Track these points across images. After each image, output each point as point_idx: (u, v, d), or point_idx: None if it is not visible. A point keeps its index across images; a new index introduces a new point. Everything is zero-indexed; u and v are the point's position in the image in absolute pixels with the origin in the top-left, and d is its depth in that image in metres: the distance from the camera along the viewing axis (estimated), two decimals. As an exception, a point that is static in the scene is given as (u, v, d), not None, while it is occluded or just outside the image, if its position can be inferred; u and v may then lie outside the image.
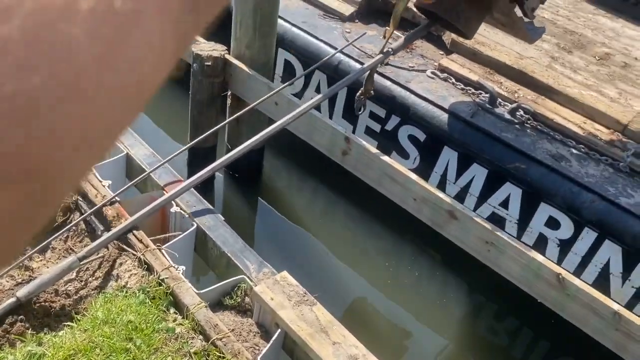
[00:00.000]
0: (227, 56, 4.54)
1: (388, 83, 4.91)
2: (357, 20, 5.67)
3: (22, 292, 2.71)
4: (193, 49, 4.52)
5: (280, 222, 5.61)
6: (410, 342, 4.69)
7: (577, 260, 4.26)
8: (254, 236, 5.49)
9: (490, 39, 5.15)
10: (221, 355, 2.52)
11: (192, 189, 3.38)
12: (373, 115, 5.12)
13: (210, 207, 3.33)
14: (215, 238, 3.14)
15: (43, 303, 2.86)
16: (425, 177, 4.50)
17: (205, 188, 5.48)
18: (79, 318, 2.60)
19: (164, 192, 3.32)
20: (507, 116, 4.56)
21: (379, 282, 5.18)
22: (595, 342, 3.61)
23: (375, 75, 4.88)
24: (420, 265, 5.37)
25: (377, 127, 5.18)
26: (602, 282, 4.19)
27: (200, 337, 2.64)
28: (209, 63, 4.35)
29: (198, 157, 5.16)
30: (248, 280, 2.94)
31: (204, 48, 4.51)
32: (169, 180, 3.42)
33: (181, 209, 3.28)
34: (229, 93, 4.85)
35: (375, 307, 4.95)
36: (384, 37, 5.40)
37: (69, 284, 3.03)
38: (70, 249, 3.26)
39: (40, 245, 3.06)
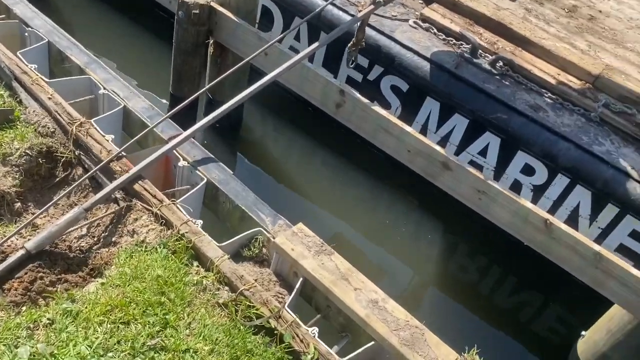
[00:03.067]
0: (212, 4, 4.40)
1: (373, 32, 4.92)
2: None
3: (29, 244, 2.69)
4: (177, -5, 4.35)
5: (259, 173, 5.66)
6: (386, 278, 4.91)
7: (549, 204, 4.58)
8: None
9: (469, -11, 5.21)
10: (250, 304, 2.63)
11: (199, 144, 3.38)
12: (356, 65, 5.14)
13: (216, 160, 3.34)
14: (227, 192, 3.18)
15: (61, 261, 2.85)
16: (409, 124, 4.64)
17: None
18: (107, 274, 2.62)
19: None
20: (488, 67, 4.71)
21: (358, 226, 5.35)
22: (560, 278, 3.98)
23: (357, 25, 4.88)
24: (396, 209, 5.60)
25: (359, 77, 5.23)
26: (570, 223, 4.55)
27: (227, 288, 2.73)
28: (196, 11, 4.22)
29: (178, 103, 5.05)
30: (265, 232, 3.03)
31: (188, -5, 4.34)
32: (172, 133, 3.39)
33: (187, 162, 3.28)
34: (211, 41, 4.73)
35: (355, 248, 5.10)
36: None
37: (81, 240, 3.02)
38: (75, 204, 3.21)
39: (49, 205, 3.00)
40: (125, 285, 2.54)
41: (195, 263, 2.81)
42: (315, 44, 3.88)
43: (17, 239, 2.86)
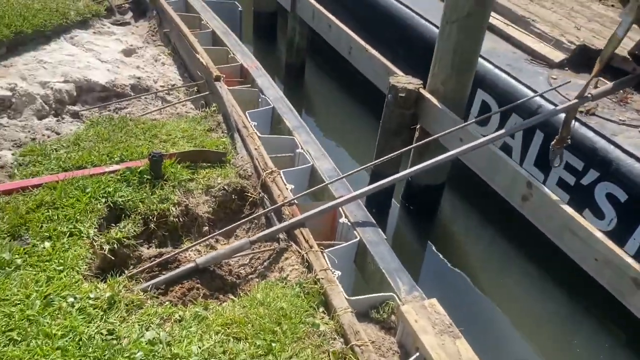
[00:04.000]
0: (421, 90, 4.67)
1: (590, 134, 4.56)
2: (566, 68, 5.39)
3: (200, 260, 3.14)
4: (390, 80, 4.76)
5: (447, 264, 5.48)
6: None
7: None
8: (420, 272, 5.44)
9: None
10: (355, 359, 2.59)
11: (364, 207, 3.55)
12: (568, 167, 4.78)
13: (375, 223, 3.45)
14: (374, 253, 3.24)
15: (218, 280, 3.26)
16: (621, 244, 4.03)
17: (380, 214, 5.65)
18: (241, 295, 2.90)
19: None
20: None
21: (547, 351, 4.70)
22: None
23: (577, 125, 4.59)
24: (599, 344, 4.76)
25: (571, 179, 4.82)
26: None
27: (341, 339, 2.74)
28: (403, 94, 4.54)
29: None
30: (397, 299, 2.97)
31: (400, 80, 4.72)
32: (343, 193, 3.64)
33: (348, 220, 3.46)
34: (418, 126, 4.96)
35: None
36: (595, 86, 5.06)
37: (241, 267, 3.40)
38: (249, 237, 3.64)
39: (225, 229, 3.49)
40: (250, 308, 2.78)
41: (322, 309, 2.90)
42: (501, 131, 3.78)
43: (193, 254, 3.38)
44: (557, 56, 5.36)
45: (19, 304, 2.53)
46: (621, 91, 4.81)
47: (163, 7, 6.18)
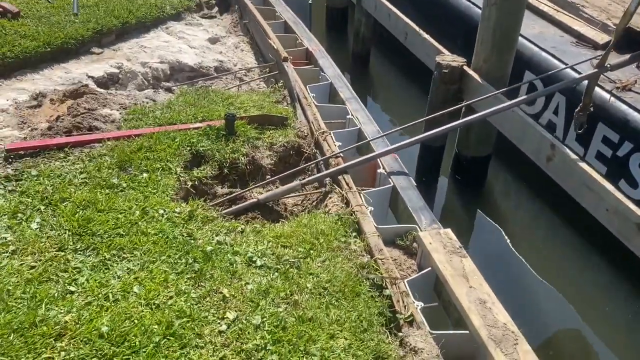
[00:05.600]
0: (464, 67, 5.19)
1: (624, 107, 4.87)
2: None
3: (261, 197, 3.89)
4: (437, 58, 5.31)
5: (495, 235, 5.89)
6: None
7: None
8: (469, 240, 5.88)
9: None
10: (376, 268, 3.22)
11: (399, 160, 4.16)
12: (606, 140, 5.10)
13: (407, 173, 4.05)
14: (404, 196, 3.85)
15: (275, 214, 4.00)
16: None
17: (430, 185, 6.19)
18: (290, 218, 3.62)
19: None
20: None
21: (587, 316, 5.01)
22: None
23: (613, 99, 4.93)
24: (636, 306, 5.03)
25: (608, 152, 5.13)
26: None
27: (368, 256, 3.38)
28: (446, 71, 5.08)
29: (428, 154, 5.91)
30: (418, 229, 3.57)
31: (445, 59, 5.26)
32: (383, 149, 4.26)
33: (385, 171, 4.09)
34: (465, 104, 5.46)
35: (578, 345, 4.79)
36: (637, 66, 5.36)
37: (295, 206, 4.13)
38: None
39: (283, 174, 4.23)
40: (297, 227, 3.48)
41: (354, 234, 3.55)
42: (525, 96, 4.24)
43: (257, 193, 4.14)
44: (603, 38, 5.65)
45: (124, 212, 3.39)
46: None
47: (244, 2, 7.07)
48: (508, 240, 5.70)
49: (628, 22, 3.80)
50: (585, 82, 4.25)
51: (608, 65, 4.04)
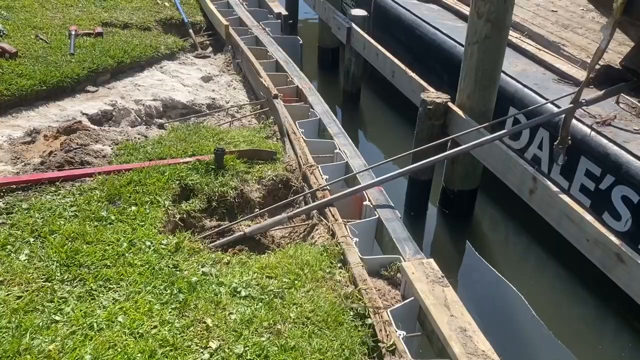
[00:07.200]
0: (449, 103, 5.34)
1: (604, 141, 4.99)
2: (592, 86, 5.84)
3: (248, 229, 3.96)
4: (421, 95, 5.47)
5: (484, 267, 5.93)
6: None
7: None
8: (457, 275, 5.92)
9: None
10: (360, 297, 3.26)
11: (384, 193, 4.25)
12: (589, 173, 5.22)
13: (392, 205, 4.13)
14: (389, 227, 3.92)
15: (262, 247, 4.06)
16: (637, 242, 4.43)
17: (417, 218, 6.26)
18: (276, 250, 3.68)
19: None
20: None
21: (575, 350, 5.01)
22: None
23: (593, 134, 5.07)
24: (623, 341, 5.04)
25: (591, 185, 5.23)
26: None
27: (352, 286, 3.42)
28: (431, 107, 5.23)
29: (416, 187, 6.01)
30: (402, 260, 3.62)
31: (430, 95, 5.42)
32: (369, 182, 4.36)
33: (371, 203, 4.17)
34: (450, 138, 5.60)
35: None
36: (616, 102, 5.53)
37: (282, 238, 4.19)
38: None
39: (270, 207, 4.30)
40: (282, 259, 3.54)
41: (339, 265, 3.60)
42: (504, 131, 4.37)
43: (245, 226, 4.21)
44: (583, 75, 5.83)
45: (112, 244, 3.45)
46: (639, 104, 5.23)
47: (237, 42, 7.29)
48: (496, 272, 5.74)
49: (599, 59, 3.96)
50: (563, 116, 4.39)
51: (583, 101, 4.19)
